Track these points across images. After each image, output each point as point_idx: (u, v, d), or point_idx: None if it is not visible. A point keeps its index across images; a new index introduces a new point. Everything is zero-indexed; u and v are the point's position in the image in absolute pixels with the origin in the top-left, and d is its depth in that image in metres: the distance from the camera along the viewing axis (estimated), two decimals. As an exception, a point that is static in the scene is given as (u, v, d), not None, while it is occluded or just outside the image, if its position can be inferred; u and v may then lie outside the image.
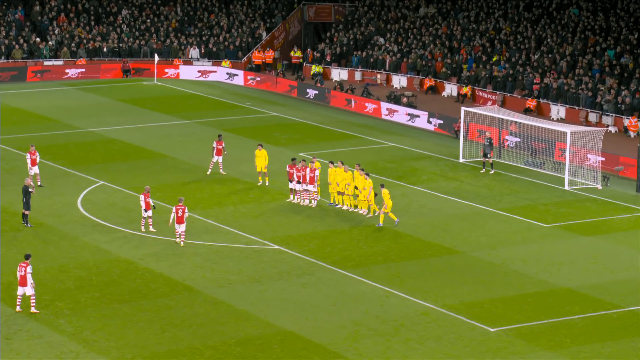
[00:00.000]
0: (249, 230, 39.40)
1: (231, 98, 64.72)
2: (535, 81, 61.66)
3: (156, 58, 69.26)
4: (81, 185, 44.92)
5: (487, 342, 29.89)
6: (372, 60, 70.13)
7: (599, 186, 45.97)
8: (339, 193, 41.98)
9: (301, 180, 42.17)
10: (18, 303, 31.36)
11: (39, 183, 44.23)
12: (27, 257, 31.87)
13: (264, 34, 75.11)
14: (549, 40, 64.73)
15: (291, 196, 42.76)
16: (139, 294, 33.16)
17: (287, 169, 42.74)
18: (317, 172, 42.19)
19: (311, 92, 64.99)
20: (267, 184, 44.88)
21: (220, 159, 46.28)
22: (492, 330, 30.73)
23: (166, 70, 70.13)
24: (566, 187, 45.66)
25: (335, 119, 59.36)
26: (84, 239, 38.10)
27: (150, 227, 38.65)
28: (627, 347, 29.58)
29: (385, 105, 60.15)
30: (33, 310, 31.26)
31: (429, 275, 35.19)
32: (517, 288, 34.05)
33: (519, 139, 51.13)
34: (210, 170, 46.48)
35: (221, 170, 46.52)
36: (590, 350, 29.39)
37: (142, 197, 38.49)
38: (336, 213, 41.64)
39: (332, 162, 42.57)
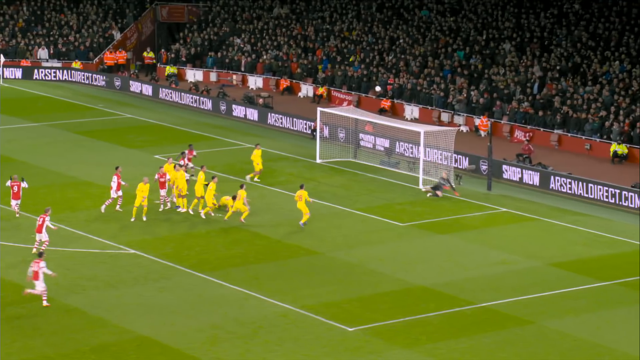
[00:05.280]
0: (103, 234, 38.59)
1: (83, 100, 63.36)
2: (389, 82, 62.48)
3: (2, 59, 67.17)
4: None
5: (345, 342, 30.04)
6: (227, 61, 69.79)
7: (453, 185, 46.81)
8: (180, 196, 41.63)
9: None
10: None
11: None
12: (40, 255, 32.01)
13: (116, 34, 73.84)
14: (401, 41, 65.68)
15: (161, 204, 41.79)
16: (-12, 303, 32.08)
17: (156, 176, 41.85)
18: (168, 177, 41.72)
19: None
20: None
21: (164, 192, 41.73)
22: (350, 329, 30.91)
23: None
24: (421, 187, 46.37)
25: (192, 120, 58.79)
26: None
27: (118, 207, 40.67)
28: (481, 343, 30.19)
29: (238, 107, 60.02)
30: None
31: (287, 276, 35.17)
32: (374, 287, 34.36)
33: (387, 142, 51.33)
34: (162, 207, 41.62)
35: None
36: (445, 347, 29.86)
37: (115, 178, 40.28)
38: (193, 216, 41.20)
39: (179, 165, 42.46)
